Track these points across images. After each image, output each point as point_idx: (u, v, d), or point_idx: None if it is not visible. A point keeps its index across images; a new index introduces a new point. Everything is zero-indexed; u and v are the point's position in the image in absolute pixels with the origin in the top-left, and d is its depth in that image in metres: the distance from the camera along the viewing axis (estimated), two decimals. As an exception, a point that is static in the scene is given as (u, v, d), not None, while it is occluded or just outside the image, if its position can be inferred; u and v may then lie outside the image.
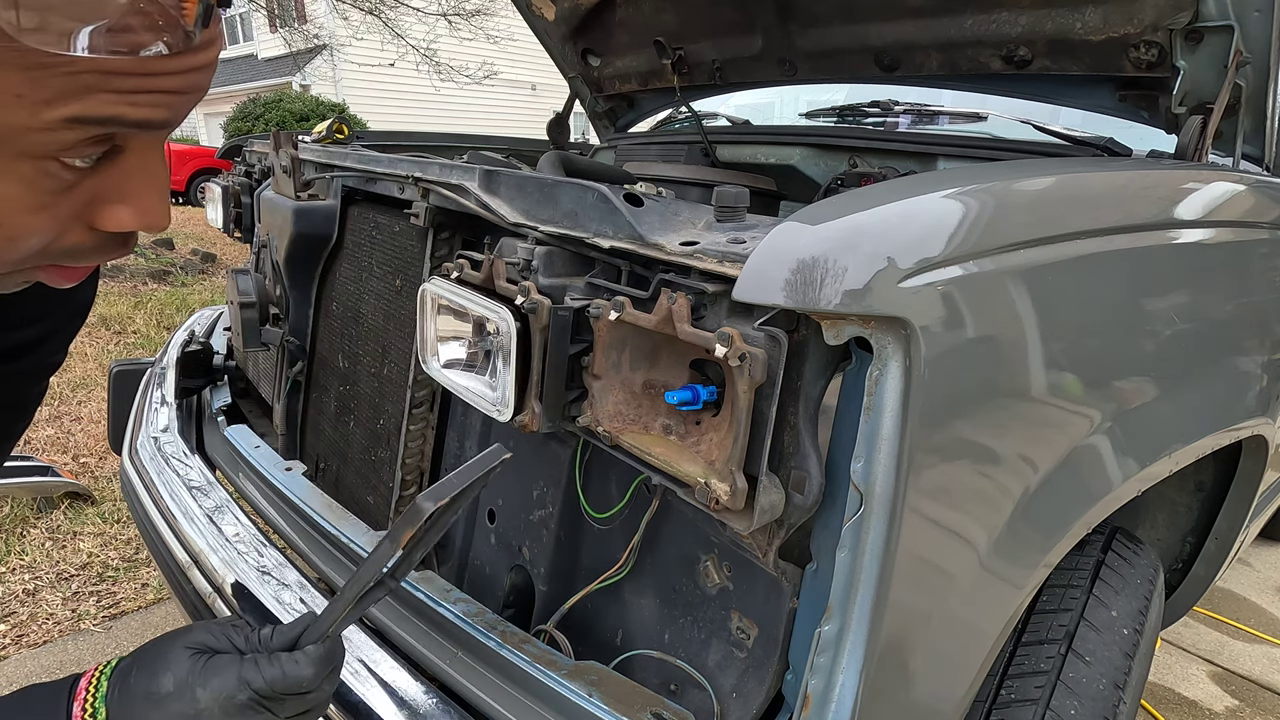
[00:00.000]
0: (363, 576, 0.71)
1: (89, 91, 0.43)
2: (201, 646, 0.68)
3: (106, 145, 0.48)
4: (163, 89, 0.46)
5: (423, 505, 0.67)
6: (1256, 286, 1.25)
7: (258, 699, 0.66)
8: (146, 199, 0.52)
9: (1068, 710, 1.00)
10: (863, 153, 2.04)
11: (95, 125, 0.45)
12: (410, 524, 0.68)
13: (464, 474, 0.70)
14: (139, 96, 0.45)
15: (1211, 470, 1.52)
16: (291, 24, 12.54)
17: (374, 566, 0.70)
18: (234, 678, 0.65)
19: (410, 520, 0.68)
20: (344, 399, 1.52)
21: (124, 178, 0.50)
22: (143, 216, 0.52)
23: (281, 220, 1.57)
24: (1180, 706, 2.25)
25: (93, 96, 0.43)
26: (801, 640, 0.78)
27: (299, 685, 0.67)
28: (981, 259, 0.76)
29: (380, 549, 0.70)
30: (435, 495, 0.68)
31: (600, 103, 2.81)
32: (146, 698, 0.64)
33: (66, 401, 3.80)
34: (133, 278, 6.65)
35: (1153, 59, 1.42)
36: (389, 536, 0.69)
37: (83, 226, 0.51)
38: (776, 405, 0.71)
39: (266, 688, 0.66)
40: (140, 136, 0.49)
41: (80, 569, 2.47)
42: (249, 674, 0.66)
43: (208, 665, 0.66)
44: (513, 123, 17.10)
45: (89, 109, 0.43)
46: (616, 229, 0.87)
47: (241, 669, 0.66)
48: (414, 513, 0.68)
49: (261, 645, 0.70)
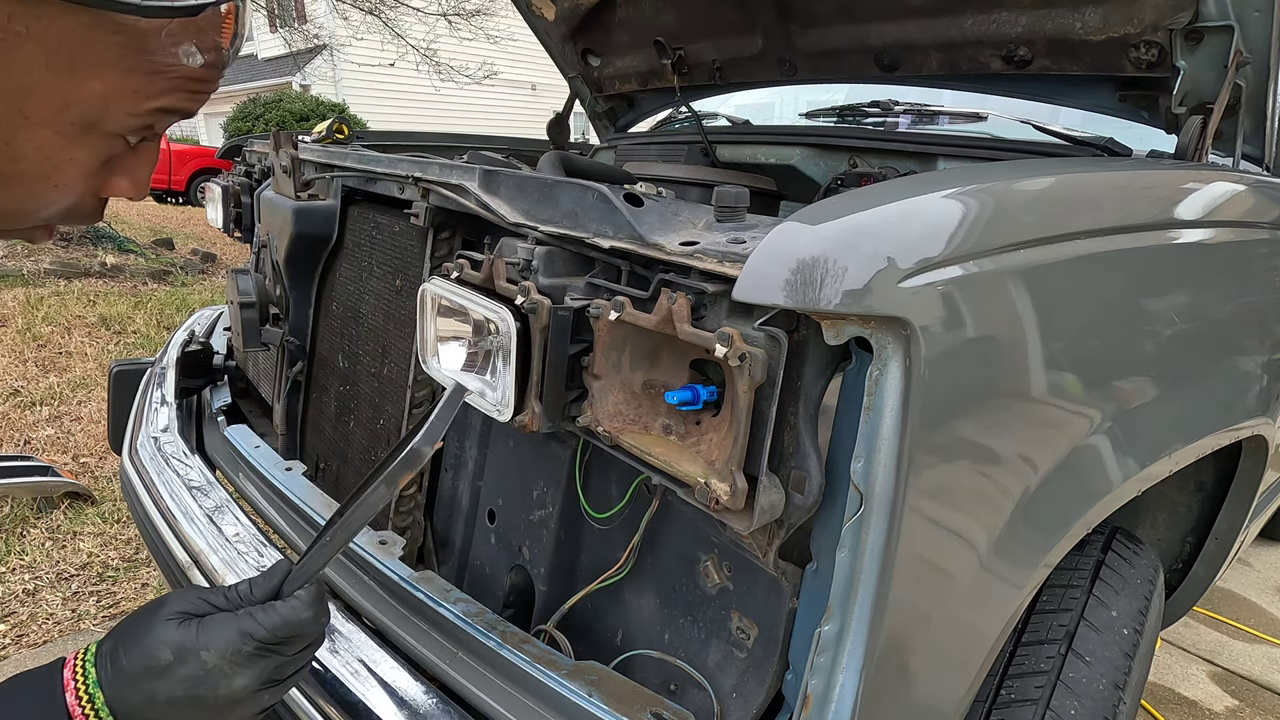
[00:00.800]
0: (356, 520, 0.73)
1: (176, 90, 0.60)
2: (185, 614, 0.69)
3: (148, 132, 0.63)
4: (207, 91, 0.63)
5: (422, 450, 0.72)
6: (1256, 286, 1.25)
7: (264, 646, 0.68)
8: (142, 175, 0.66)
9: (1068, 710, 1.00)
10: (863, 153, 2.04)
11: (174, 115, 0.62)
12: (409, 468, 0.72)
13: (443, 415, 0.75)
14: (196, 95, 0.62)
15: (1211, 470, 1.52)
16: (291, 24, 12.55)
17: (368, 511, 0.73)
18: (234, 632, 0.67)
19: (409, 464, 0.72)
20: (344, 399, 1.52)
21: (138, 159, 0.64)
22: (137, 189, 0.66)
23: (281, 220, 1.57)
24: (1180, 706, 2.25)
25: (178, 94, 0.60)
26: (801, 640, 0.78)
27: (302, 628, 0.70)
28: (981, 259, 0.76)
29: (377, 493, 0.73)
30: (428, 439, 0.73)
31: (600, 103, 2.81)
32: (147, 673, 0.65)
33: (66, 401, 3.80)
34: (133, 278, 6.65)
35: (1153, 59, 1.42)
36: (385, 481, 0.72)
37: (91, 192, 0.64)
38: (776, 405, 0.71)
39: (270, 635, 0.68)
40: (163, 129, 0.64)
41: (80, 569, 2.47)
42: (249, 626, 0.68)
43: (202, 627, 0.67)
44: (513, 123, 17.09)
45: (174, 102, 0.60)
46: (616, 229, 0.87)
47: (239, 623, 0.68)
48: (413, 457, 0.72)
49: (245, 599, 0.72)
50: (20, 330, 4.76)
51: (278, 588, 0.73)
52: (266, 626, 0.68)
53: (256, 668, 0.67)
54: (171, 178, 13.45)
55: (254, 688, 0.68)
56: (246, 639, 0.67)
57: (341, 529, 0.74)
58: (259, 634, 0.68)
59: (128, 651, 0.66)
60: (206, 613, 0.69)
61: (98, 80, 0.56)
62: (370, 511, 0.73)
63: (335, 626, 1.04)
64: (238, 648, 0.67)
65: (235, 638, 0.67)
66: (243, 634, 0.67)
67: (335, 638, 1.02)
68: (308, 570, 0.74)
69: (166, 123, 0.63)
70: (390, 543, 1.17)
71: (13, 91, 0.54)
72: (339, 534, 0.74)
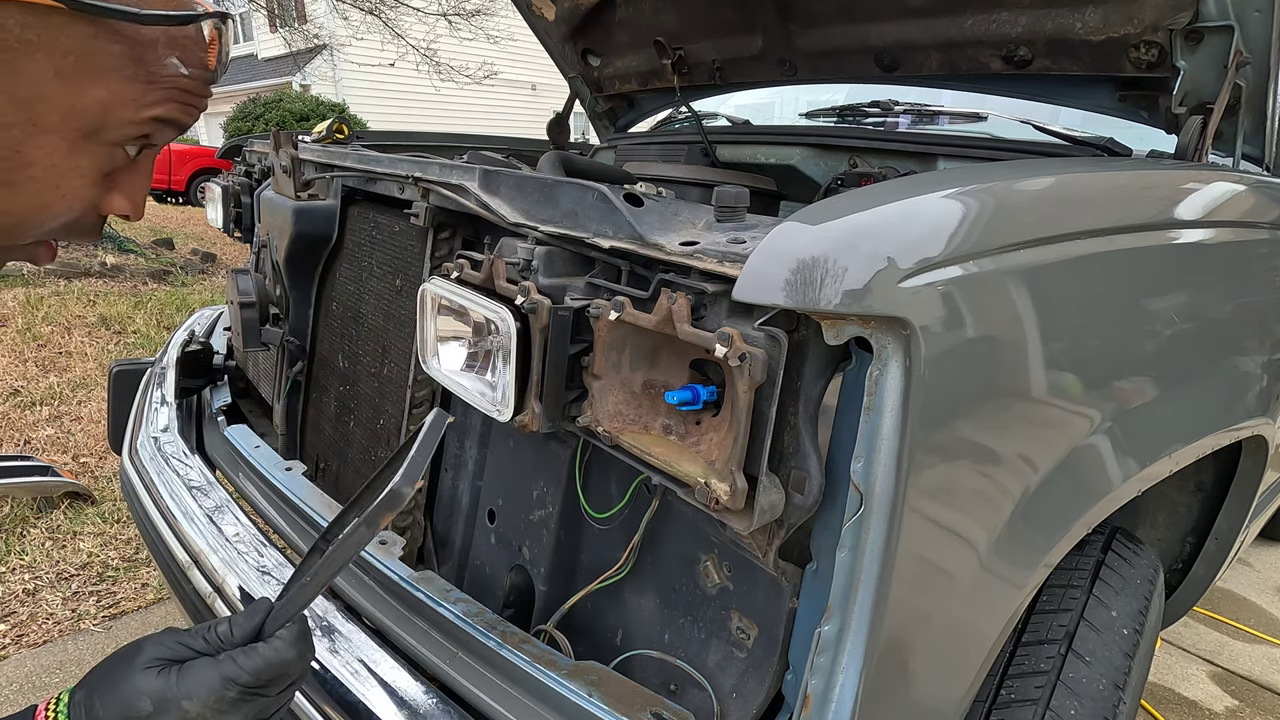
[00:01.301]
0: (336, 559, 0.71)
1: (171, 100, 0.63)
2: (163, 661, 0.67)
3: (146, 143, 0.66)
4: (200, 104, 0.67)
5: (402, 491, 0.70)
6: (1256, 286, 1.25)
7: (248, 691, 0.66)
8: (138, 194, 0.69)
9: (1068, 710, 1.00)
10: (863, 153, 2.04)
11: (169, 127, 0.65)
12: (390, 509, 0.70)
13: (423, 450, 0.73)
14: (189, 107, 0.66)
15: (1211, 470, 1.51)
16: (291, 24, 12.54)
17: (349, 551, 0.71)
18: (216, 678, 0.65)
19: (390, 505, 0.70)
20: (344, 399, 1.52)
21: (134, 175, 0.68)
22: (134, 207, 0.69)
23: (281, 220, 1.57)
24: (1180, 706, 2.25)
25: (172, 104, 0.64)
26: (801, 640, 0.78)
27: (286, 668, 0.68)
28: (981, 259, 0.76)
29: (357, 534, 0.70)
30: (408, 479, 0.70)
31: (600, 103, 2.81)
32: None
33: (66, 401, 3.80)
34: (133, 278, 6.65)
35: (1153, 59, 1.42)
36: (365, 522, 0.70)
37: (92, 209, 0.66)
38: (776, 405, 0.71)
39: (253, 679, 0.66)
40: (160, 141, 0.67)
41: (80, 569, 2.47)
42: (231, 671, 0.66)
43: (183, 675, 0.65)
44: (513, 123, 17.09)
45: (168, 112, 0.64)
46: (616, 229, 0.87)
47: (220, 669, 0.66)
48: (393, 498, 0.70)
49: (225, 641, 0.70)
50: (20, 330, 4.76)
51: (259, 627, 0.71)
52: (249, 670, 0.66)
53: (239, 712, 0.66)
54: (171, 178, 13.45)
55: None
56: (229, 685, 0.65)
57: (323, 568, 0.72)
58: (242, 679, 0.66)
59: (104, 702, 0.64)
60: (186, 658, 0.67)
61: (100, 88, 0.59)
62: (352, 551, 0.71)
63: (335, 626, 1.04)
64: (220, 694, 0.65)
65: (218, 684, 0.65)
66: (225, 680, 0.65)
67: (335, 638, 1.02)
68: (289, 609, 0.72)
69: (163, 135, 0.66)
70: (390, 543, 1.17)
71: (24, 99, 0.57)
72: (320, 573, 0.72)
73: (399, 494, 0.69)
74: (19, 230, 0.63)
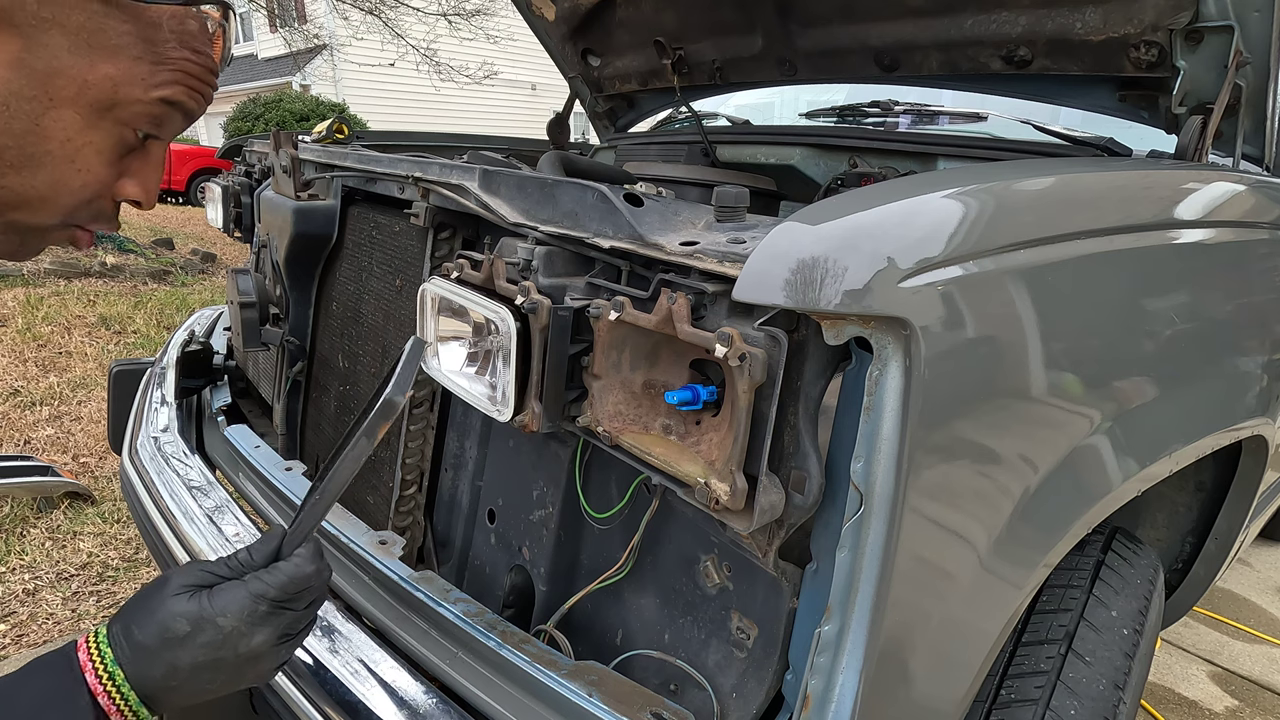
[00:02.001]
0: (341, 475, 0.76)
1: (178, 83, 0.68)
2: (192, 587, 0.72)
3: (155, 127, 0.70)
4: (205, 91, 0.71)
5: (395, 400, 0.75)
6: (1256, 286, 1.25)
7: (276, 604, 0.72)
8: (150, 181, 0.73)
9: (1068, 710, 1.00)
10: (863, 153, 2.04)
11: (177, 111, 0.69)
12: (385, 418, 0.75)
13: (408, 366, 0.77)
14: (195, 93, 0.70)
15: (1211, 470, 1.52)
16: (291, 24, 12.54)
17: (352, 466, 0.76)
18: (246, 596, 0.71)
19: (385, 414, 0.75)
20: (344, 399, 1.52)
21: (146, 162, 0.72)
22: (146, 195, 0.73)
23: (281, 220, 1.57)
24: (1180, 706, 2.25)
25: (179, 87, 0.68)
26: (801, 640, 0.78)
27: (308, 581, 0.75)
28: (982, 259, 0.76)
29: (358, 447, 0.76)
30: (399, 389, 0.75)
31: (600, 103, 2.81)
32: (166, 644, 0.68)
33: (66, 401, 3.80)
34: (133, 278, 6.65)
35: (1153, 59, 1.42)
36: (365, 434, 0.75)
37: (108, 196, 0.71)
38: (776, 405, 0.71)
39: (280, 593, 0.73)
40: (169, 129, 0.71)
41: (80, 569, 2.47)
42: (259, 588, 0.72)
43: (214, 596, 0.71)
44: (513, 123, 17.10)
45: (176, 95, 0.68)
46: (616, 229, 0.87)
47: (248, 587, 0.72)
48: (388, 407, 0.75)
49: (246, 565, 0.76)
50: (20, 330, 4.76)
51: (276, 550, 0.77)
52: (276, 585, 0.73)
53: (271, 625, 0.72)
54: (171, 178, 13.46)
55: (272, 642, 0.72)
56: (260, 600, 0.71)
57: (329, 485, 0.76)
58: (270, 593, 0.72)
59: (142, 628, 0.69)
60: (213, 583, 0.73)
61: (111, 64, 0.63)
62: (354, 465, 0.76)
63: (335, 626, 1.04)
64: (252, 609, 0.71)
65: (248, 601, 0.71)
66: (255, 596, 0.71)
67: (335, 637, 1.02)
68: (302, 530, 0.77)
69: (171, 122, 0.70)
70: (390, 543, 1.17)
71: (40, 74, 0.61)
72: (327, 491, 0.77)
73: (393, 403, 0.75)
74: (44, 208, 0.67)
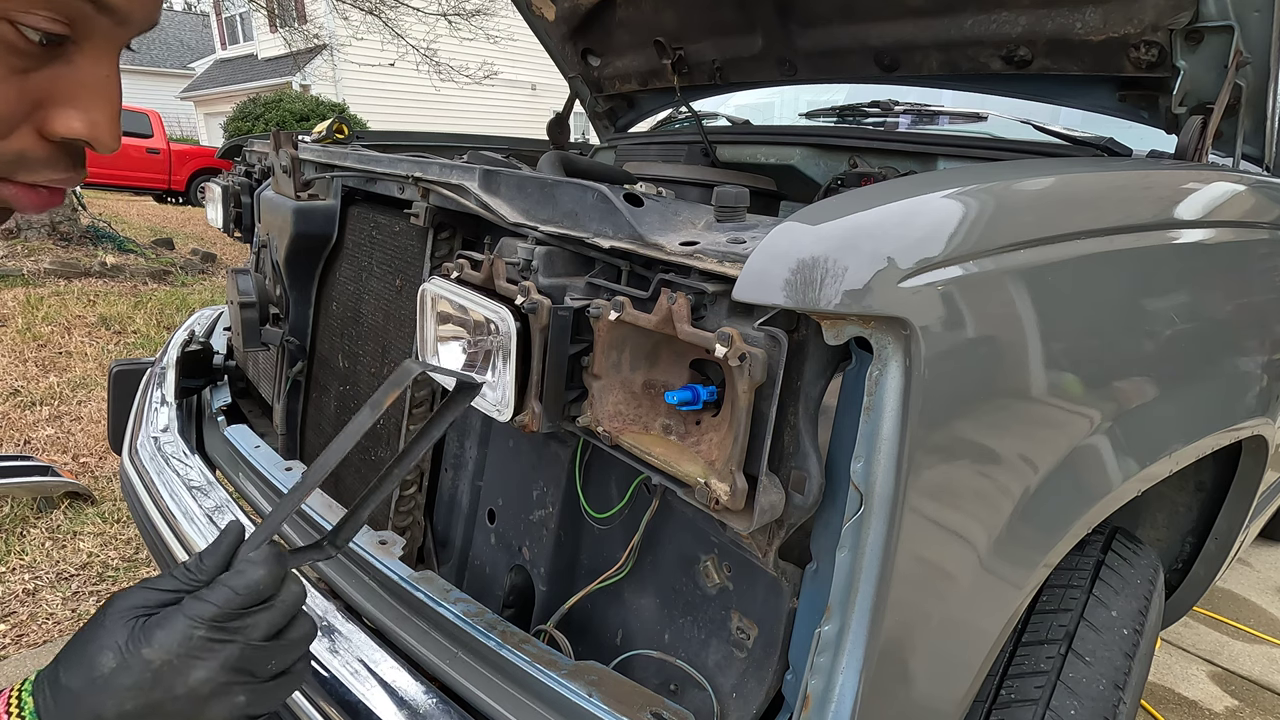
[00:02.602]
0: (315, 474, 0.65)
1: None
2: (137, 609, 0.58)
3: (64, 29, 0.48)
4: None
5: (410, 366, 0.66)
6: (1256, 286, 1.25)
7: (217, 627, 0.57)
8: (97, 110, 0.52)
9: (1068, 710, 1.00)
10: (863, 153, 2.04)
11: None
12: (396, 385, 0.66)
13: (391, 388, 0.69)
14: None
15: (1211, 470, 1.51)
16: (291, 24, 12.54)
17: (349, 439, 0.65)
18: (180, 620, 0.57)
19: (397, 381, 0.65)
20: (344, 399, 1.52)
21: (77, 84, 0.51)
22: (91, 128, 0.52)
23: (281, 220, 1.57)
24: (1180, 706, 2.25)
25: None
26: (801, 640, 0.78)
27: (255, 594, 0.59)
28: (982, 259, 0.76)
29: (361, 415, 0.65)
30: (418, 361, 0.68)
31: (600, 103, 2.81)
32: (90, 686, 0.55)
33: (66, 401, 3.80)
34: (133, 278, 6.65)
35: (1153, 59, 1.42)
36: (370, 404, 0.65)
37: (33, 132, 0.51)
38: (776, 405, 0.71)
39: (220, 612, 0.57)
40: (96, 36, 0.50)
41: (80, 569, 2.47)
42: (195, 609, 0.57)
43: (148, 623, 0.57)
44: (513, 123, 17.10)
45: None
46: (616, 229, 0.87)
47: (184, 609, 0.57)
48: (402, 373, 0.65)
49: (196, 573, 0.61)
50: (20, 330, 4.76)
51: (231, 554, 0.61)
52: (214, 602, 0.57)
53: (214, 656, 0.57)
54: (171, 178, 13.49)
55: (218, 679, 0.57)
56: (195, 623, 0.56)
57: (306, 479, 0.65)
58: (206, 613, 0.57)
59: (69, 669, 0.56)
60: (161, 603, 0.59)
61: None
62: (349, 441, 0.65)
63: (335, 626, 1.04)
64: (187, 635, 0.56)
65: (181, 626, 0.56)
66: (189, 620, 0.56)
67: (335, 638, 1.02)
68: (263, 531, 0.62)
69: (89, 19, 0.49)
70: (390, 543, 1.17)
71: None
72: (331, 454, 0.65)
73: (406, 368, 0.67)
74: None
